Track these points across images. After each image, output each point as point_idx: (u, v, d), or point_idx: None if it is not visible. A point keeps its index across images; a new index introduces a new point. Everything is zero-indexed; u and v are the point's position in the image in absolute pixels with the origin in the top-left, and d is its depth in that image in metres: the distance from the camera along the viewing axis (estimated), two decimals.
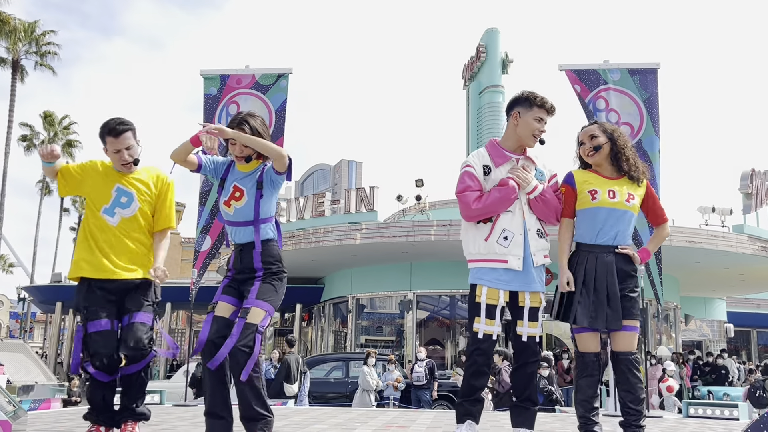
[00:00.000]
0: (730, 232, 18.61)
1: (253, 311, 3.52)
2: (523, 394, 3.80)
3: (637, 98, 7.57)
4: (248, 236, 3.69)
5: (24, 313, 42.07)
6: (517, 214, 3.73)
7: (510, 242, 3.69)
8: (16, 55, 31.76)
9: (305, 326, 24.53)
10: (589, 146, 3.86)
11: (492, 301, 3.68)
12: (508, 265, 3.68)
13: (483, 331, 3.67)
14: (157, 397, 7.59)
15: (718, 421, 6.69)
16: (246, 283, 3.67)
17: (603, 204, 3.76)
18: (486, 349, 3.69)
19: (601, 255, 3.76)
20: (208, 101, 8.11)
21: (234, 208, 3.70)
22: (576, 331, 3.81)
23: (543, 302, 3.81)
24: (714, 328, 27.73)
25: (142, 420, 3.91)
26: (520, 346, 3.75)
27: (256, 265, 3.66)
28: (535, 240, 3.74)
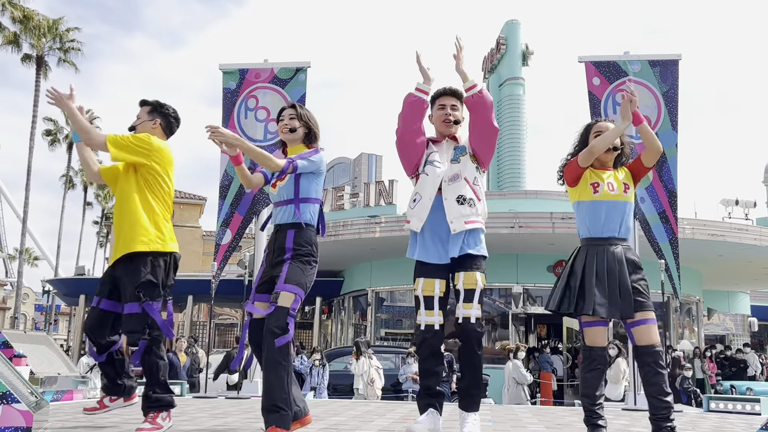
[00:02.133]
0: (754, 224, 18.40)
1: (282, 295, 3.57)
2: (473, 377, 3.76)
3: (656, 91, 7.50)
4: (287, 216, 3.78)
5: (48, 306, 42.64)
6: (432, 177, 3.78)
7: (417, 204, 3.80)
8: (40, 51, 32.08)
9: (325, 319, 24.63)
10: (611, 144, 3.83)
11: (428, 293, 3.73)
12: (409, 225, 3.80)
13: (424, 323, 3.72)
14: (178, 389, 7.68)
15: (739, 415, 6.64)
16: (277, 267, 3.71)
17: (605, 197, 3.78)
18: (432, 341, 3.72)
19: (608, 247, 3.76)
20: (227, 95, 8.16)
21: (278, 188, 3.83)
22: (585, 324, 3.78)
23: (480, 284, 3.71)
24: (737, 322, 27.42)
25: (161, 408, 3.85)
26: (459, 330, 3.74)
27: (288, 245, 3.71)
28: (452, 206, 3.73)
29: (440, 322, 3.72)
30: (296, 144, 3.97)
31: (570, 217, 15.77)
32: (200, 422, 4.63)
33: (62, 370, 6.99)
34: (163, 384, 3.89)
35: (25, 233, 31.54)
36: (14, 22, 31.37)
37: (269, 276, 3.76)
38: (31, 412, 3.25)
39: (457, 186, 3.77)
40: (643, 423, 5.35)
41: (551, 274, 18.02)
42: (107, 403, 4.12)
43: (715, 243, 16.63)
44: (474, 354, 3.73)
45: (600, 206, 3.79)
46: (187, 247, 43.22)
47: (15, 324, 33.08)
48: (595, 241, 3.81)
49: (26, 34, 31.68)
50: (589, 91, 7.62)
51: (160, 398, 3.86)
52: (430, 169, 3.81)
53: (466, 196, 3.77)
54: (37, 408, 3.48)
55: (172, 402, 3.93)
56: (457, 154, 3.86)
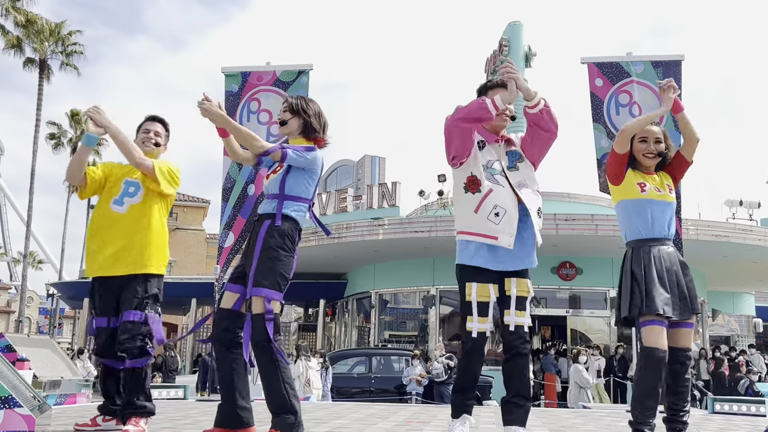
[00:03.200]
0: (758, 225, 18.34)
1: (253, 302, 3.51)
2: (514, 389, 3.63)
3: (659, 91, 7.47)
4: (269, 208, 3.68)
5: (53, 309, 42.69)
6: (507, 189, 3.62)
7: (501, 219, 3.56)
8: (43, 55, 32.14)
9: (329, 321, 24.61)
10: (655, 149, 3.83)
11: (483, 299, 3.60)
12: (498, 242, 3.56)
13: (477, 330, 3.60)
14: (181, 392, 7.67)
15: (744, 417, 6.61)
16: (249, 260, 3.63)
17: (651, 197, 3.77)
18: (481, 346, 3.64)
19: (661, 247, 3.75)
20: (230, 98, 8.15)
21: (270, 179, 3.75)
22: (645, 324, 3.63)
23: (531, 291, 3.67)
24: (742, 323, 27.34)
25: (145, 415, 3.91)
26: (508, 337, 3.62)
27: (260, 235, 3.59)
28: (537, 221, 3.65)
29: (491, 329, 3.63)
30: (294, 137, 3.85)
31: (573, 218, 15.76)
32: (203, 425, 4.60)
33: (65, 374, 6.98)
34: (147, 393, 3.94)
35: (29, 237, 31.60)
36: (17, 26, 31.43)
37: (243, 268, 3.70)
38: (33, 416, 3.25)
39: (533, 197, 3.67)
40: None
41: (555, 275, 17.99)
42: (99, 422, 4.08)
43: (719, 244, 16.59)
44: (527, 367, 3.66)
45: (648, 206, 3.77)
46: (190, 249, 43.29)
47: (19, 327, 33.10)
48: (648, 242, 3.77)
49: (29, 38, 31.75)
50: (591, 92, 7.60)
51: (145, 405, 3.92)
52: (501, 179, 3.64)
53: (541, 208, 3.72)
54: (39, 412, 3.47)
55: (153, 410, 3.99)
56: (514, 161, 3.73)
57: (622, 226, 3.90)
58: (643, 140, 3.84)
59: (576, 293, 18.47)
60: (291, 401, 3.50)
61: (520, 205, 3.60)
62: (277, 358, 3.48)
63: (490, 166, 3.66)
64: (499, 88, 3.70)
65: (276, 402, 3.47)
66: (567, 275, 17.88)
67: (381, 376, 14.27)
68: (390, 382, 14.28)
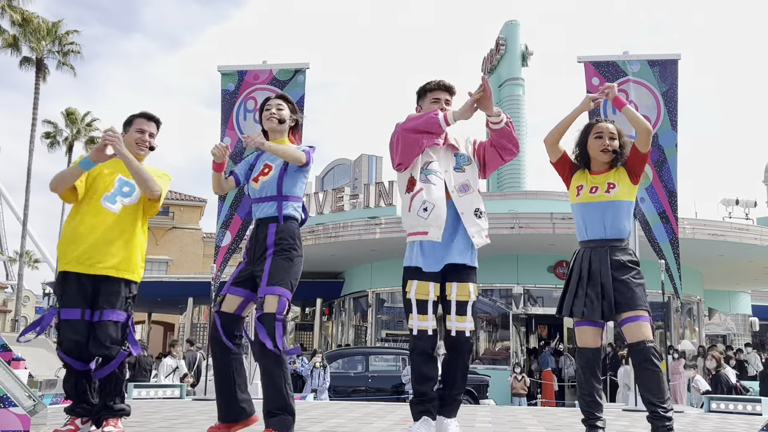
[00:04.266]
0: (755, 224, 18.39)
1: (267, 300, 3.53)
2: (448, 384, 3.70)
3: (656, 90, 7.48)
4: (270, 211, 3.72)
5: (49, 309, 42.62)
6: (439, 187, 3.67)
7: (429, 213, 3.62)
8: (39, 54, 32.08)
9: (326, 321, 24.62)
10: (610, 145, 3.81)
11: (422, 296, 3.64)
12: (428, 237, 3.62)
13: (417, 328, 3.63)
14: (177, 391, 7.66)
15: (740, 416, 6.62)
16: (258, 263, 3.66)
17: (585, 200, 3.81)
18: (425, 344, 3.63)
19: (595, 249, 3.77)
20: (226, 97, 8.15)
21: (261, 183, 3.76)
22: (575, 324, 3.80)
23: (473, 296, 3.65)
24: (738, 321, 27.39)
25: (121, 416, 3.85)
26: (450, 342, 3.65)
27: (270, 239, 3.64)
28: (472, 220, 3.66)
29: (433, 327, 3.63)
30: (280, 137, 3.88)
31: (570, 217, 15.75)
32: (199, 425, 4.61)
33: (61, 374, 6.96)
34: (123, 395, 3.89)
35: (26, 236, 31.55)
36: (13, 24, 31.38)
37: (250, 272, 3.72)
38: (28, 416, 3.24)
39: (471, 198, 3.71)
40: (643, 424, 5.32)
41: (552, 274, 18.01)
42: (79, 425, 3.85)
43: (715, 243, 16.61)
44: (465, 364, 3.72)
45: (582, 208, 3.84)
46: (187, 249, 43.24)
47: (16, 327, 33.04)
48: (584, 243, 3.85)
49: (25, 37, 31.69)
50: (588, 91, 7.60)
51: (122, 408, 3.85)
52: (434, 179, 3.70)
53: (481, 209, 3.73)
54: (34, 412, 3.46)
55: (129, 411, 3.94)
56: (461, 163, 3.79)
57: None
58: (598, 136, 3.84)
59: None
60: (290, 402, 3.54)
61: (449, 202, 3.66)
62: (283, 359, 3.51)
63: (426, 167, 3.72)
64: (439, 91, 3.82)
65: (277, 401, 3.49)
66: (564, 274, 17.90)
67: (378, 375, 14.27)
68: (387, 381, 14.28)
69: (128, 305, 3.82)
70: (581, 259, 3.81)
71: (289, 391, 3.54)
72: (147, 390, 7.46)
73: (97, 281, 3.76)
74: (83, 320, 3.70)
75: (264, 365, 3.52)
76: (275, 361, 3.50)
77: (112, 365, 3.71)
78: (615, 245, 3.76)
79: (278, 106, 3.89)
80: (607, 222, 3.76)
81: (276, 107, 3.88)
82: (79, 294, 3.73)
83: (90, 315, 3.73)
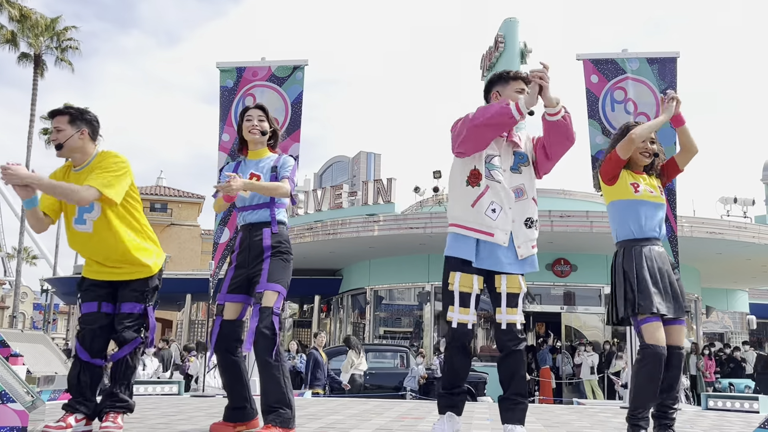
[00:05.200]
0: (753, 222, 18.38)
1: (266, 295, 3.60)
2: (511, 388, 3.54)
3: (655, 88, 7.48)
4: (263, 217, 3.79)
5: (47, 305, 42.61)
6: (504, 187, 3.53)
7: (498, 215, 3.49)
8: (37, 50, 32.01)
9: (324, 318, 24.61)
10: (650, 149, 3.84)
11: (465, 289, 3.50)
12: (494, 239, 3.48)
13: (457, 320, 3.52)
14: (176, 387, 7.67)
15: (737, 413, 6.64)
16: (253, 266, 3.71)
17: (645, 197, 3.79)
18: (462, 338, 3.53)
19: (652, 247, 3.77)
20: (225, 93, 8.13)
21: (249, 192, 3.78)
22: (647, 321, 3.63)
23: (523, 287, 3.55)
24: (736, 320, 27.43)
25: (123, 411, 3.79)
26: (500, 336, 3.53)
27: (266, 243, 3.72)
28: (521, 230, 3.53)
29: (474, 321, 3.52)
30: (260, 147, 3.94)
31: (568, 215, 15.78)
32: (197, 421, 4.62)
33: (59, 369, 6.95)
34: (131, 387, 3.85)
35: (24, 232, 31.49)
36: (11, 20, 31.31)
37: (244, 276, 3.74)
38: (26, 412, 3.24)
39: (524, 205, 3.56)
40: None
41: (550, 272, 18.01)
42: (72, 422, 3.74)
43: (713, 241, 16.63)
44: (522, 364, 3.52)
45: (641, 206, 3.80)
46: (185, 245, 43.25)
47: (14, 323, 33.03)
48: (639, 242, 3.78)
49: (24, 33, 31.61)
50: (587, 89, 7.61)
51: (126, 400, 3.79)
52: (498, 176, 3.54)
53: (534, 219, 3.57)
54: (32, 408, 3.46)
55: (133, 407, 3.86)
56: (518, 163, 3.61)
57: (614, 226, 3.92)
58: None
59: (570, 290, 18.51)
60: (288, 396, 3.58)
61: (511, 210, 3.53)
62: (279, 351, 3.57)
63: (490, 161, 3.56)
64: (514, 81, 3.60)
65: (275, 396, 3.53)
66: (562, 272, 17.92)
67: (376, 373, 14.28)
68: (385, 378, 14.30)
69: (146, 296, 3.86)
70: (645, 256, 3.73)
71: (288, 385, 3.57)
72: (145, 386, 7.48)
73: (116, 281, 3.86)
74: (99, 312, 3.80)
75: (262, 356, 3.54)
76: (273, 355, 3.53)
77: (125, 349, 3.75)
78: (662, 245, 3.83)
79: (259, 118, 3.92)
80: (660, 222, 3.83)
81: (257, 119, 3.91)
82: (96, 291, 3.84)
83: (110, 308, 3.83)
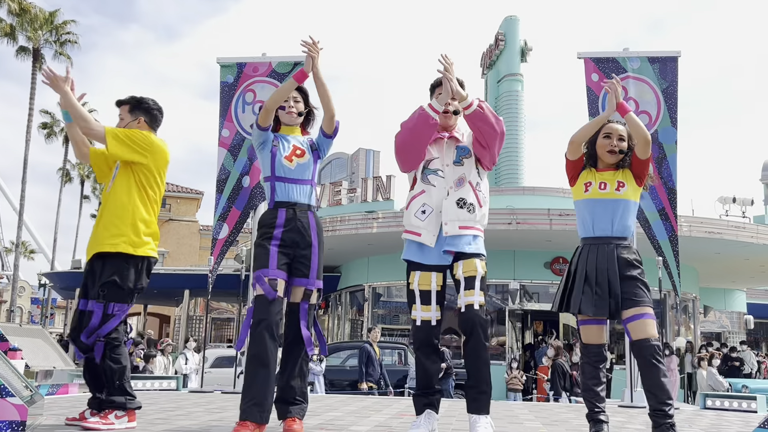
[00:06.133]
0: (751, 222, 18.42)
1: (315, 293, 3.69)
2: (472, 375, 3.51)
3: (656, 87, 7.48)
4: (306, 196, 3.75)
5: (45, 299, 42.57)
6: (440, 189, 3.65)
7: (427, 216, 3.63)
8: (36, 44, 31.95)
9: (322, 314, 24.63)
10: (617, 146, 3.82)
11: (424, 287, 3.60)
12: (421, 239, 3.63)
13: (420, 318, 3.59)
14: (174, 383, 7.66)
15: (736, 413, 6.64)
16: (299, 249, 3.64)
17: (594, 196, 3.80)
18: (427, 336, 3.58)
19: (601, 246, 3.77)
20: (225, 89, 8.12)
21: (296, 163, 3.75)
22: (581, 323, 3.81)
23: (479, 270, 3.54)
24: (733, 319, 27.46)
25: (114, 408, 3.75)
26: (459, 320, 3.51)
27: (313, 231, 3.70)
28: (451, 208, 3.60)
29: (437, 317, 3.59)
30: (294, 125, 3.92)
31: (567, 213, 15.78)
32: (196, 417, 4.61)
33: (58, 364, 6.96)
34: (117, 387, 3.75)
35: (22, 226, 31.47)
36: (10, 14, 31.24)
37: (292, 256, 3.63)
38: (25, 406, 3.23)
39: (461, 191, 3.66)
40: (639, 420, 5.34)
41: (548, 270, 18.01)
42: (87, 416, 3.83)
43: (712, 240, 16.64)
44: (481, 346, 3.46)
45: (589, 205, 3.83)
46: (183, 241, 43.23)
47: (11, 317, 32.99)
48: (589, 240, 3.84)
49: (22, 27, 31.55)
50: (587, 87, 7.61)
51: (112, 400, 3.75)
52: (435, 179, 3.68)
53: (467, 200, 3.65)
54: (31, 402, 3.45)
55: (124, 404, 3.76)
56: (460, 156, 3.73)
57: (577, 224, 3.99)
58: (606, 136, 3.86)
59: None
60: (306, 390, 3.72)
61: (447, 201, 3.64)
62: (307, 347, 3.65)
63: (428, 166, 3.72)
64: (438, 87, 3.75)
65: (301, 390, 3.64)
66: (560, 270, 17.92)
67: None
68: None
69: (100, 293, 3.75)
70: (587, 255, 3.79)
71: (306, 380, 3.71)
72: (143, 382, 7.46)
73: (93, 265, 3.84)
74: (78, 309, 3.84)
75: (296, 354, 3.63)
76: (305, 351, 3.63)
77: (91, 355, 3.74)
78: (620, 243, 3.77)
79: (295, 99, 3.91)
80: (615, 219, 3.78)
81: (293, 100, 3.90)
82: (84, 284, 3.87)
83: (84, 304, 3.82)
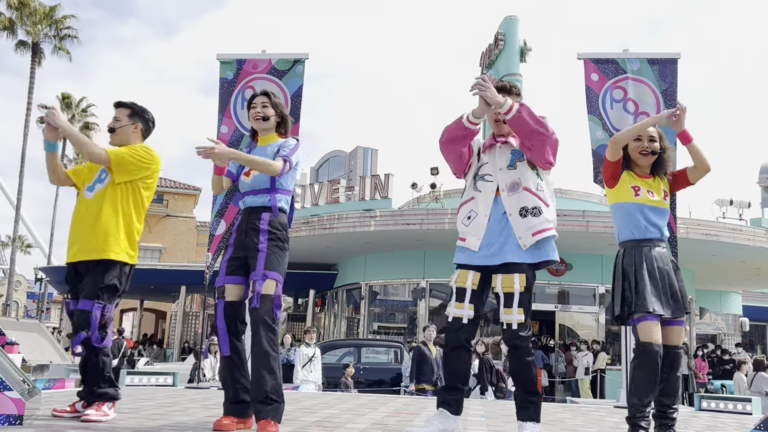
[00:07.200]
0: (748, 225, 18.44)
1: (267, 283, 3.56)
2: (518, 384, 3.56)
3: (656, 88, 7.49)
4: (263, 201, 3.75)
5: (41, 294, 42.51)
6: (486, 194, 3.64)
7: (471, 221, 3.67)
8: (35, 38, 31.88)
9: (318, 312, 24.63)
10: (649, 147, 3.83)
11: (460, 284, 3.60)
12: (465, 244, 3.66)
13: (452, 315, 3.57)
14: (170, 379, 7.66)
15: (730, 415, 6.66)
16: (249, 249, 3.67)
17: (645, 201, 3.82)
18: (457, 334, 3.56)
19: (654, 248, 3.78)
20: (224, 85, 8.12)
21: (252, 176, 3.78)
22: (639, 320, 3.64)
23: (517, 287, 3.49)
24: (729, 321, 27.53)
25: (106, 400, 3.86)
26: (503, 333, 3.55)
27: (263, 226, 3.67)
28: (518, 221, 3.55)
29: (469, 315, 3.54)
30: (268, 133, 3.93)
31: (565, 214, 15.80)
32: (193, 413, 4.61)
33: (54, 358, 6.96)
34: (107, 380, 3.88)
35: (18, 220, 31.41)
36: (10, 8, 31.17)
37: (242, 259, 3.70)
38: (23, 400, 3.23)
39: (518, 197, 3.58)
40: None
41: (545, 270, 17.99)
42: (79, 408, 3.95)
43: (708, 242, 16.67)
44: (521, 361, 3.52)
45: (640, 209, 3.82)
46: (180, 237, 43.13)
47: (7, 311, 32.97)
48: (640, 242, 3.80)
49: (22, 21, 31.49)
50: (586, 86, 7.62)
51: (105, 392, 3.87)
52: (482, 185, 3.66)
53: (529, 207, 3.57)
54: (29, 396, 3.45)
55: (116, 395, 3.93)
56: (514, 160, 3.66)
57: (616, 227, 3.95)
58: (637, 138, 3.86)
59: (565, 289, 18.52)
60: (281, 389, 3.55)
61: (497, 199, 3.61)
62: (278, 342, 3.55)
63: (479, 172, 3.72)
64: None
65: (271, 386, 3.49)
66: (557, 270, 17.92)
67: (369, 368, 14.31)
68: (379, 373, 14.32)
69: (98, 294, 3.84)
70: (645, 256, 3.75)
71: (281, 376, 3.57)
72: (140, 377, 7.46)
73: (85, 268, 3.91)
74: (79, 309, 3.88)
75: (260, 346, 3.52)
76: (272, 344, 3.51)
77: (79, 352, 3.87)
78: (665, 246, 3.85)
79: (263, 104, 3.90)
80: (663, 226, 3.85)
81: (261, 105, 3.90)
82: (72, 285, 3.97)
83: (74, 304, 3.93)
